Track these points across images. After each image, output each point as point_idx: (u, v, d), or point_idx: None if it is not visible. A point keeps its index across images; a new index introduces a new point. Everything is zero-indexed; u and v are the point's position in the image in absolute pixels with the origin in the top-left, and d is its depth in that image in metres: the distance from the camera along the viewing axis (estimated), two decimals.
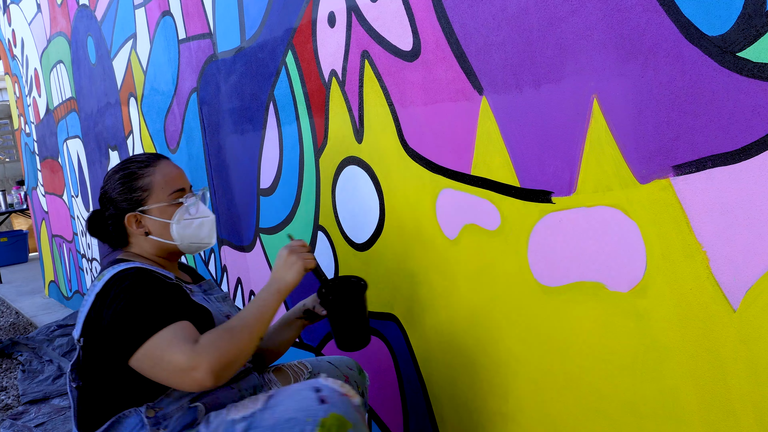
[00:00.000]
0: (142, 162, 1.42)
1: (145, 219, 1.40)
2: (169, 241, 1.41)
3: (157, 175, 1.41)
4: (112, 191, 1.42)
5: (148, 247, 1.42)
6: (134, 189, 1.40)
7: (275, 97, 1.96)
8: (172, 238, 1.40)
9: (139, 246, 1.43)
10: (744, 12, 0.89)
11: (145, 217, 1.40)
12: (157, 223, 1.40)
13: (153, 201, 1.39)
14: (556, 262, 1.23)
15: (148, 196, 1.40)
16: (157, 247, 1.42)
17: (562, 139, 1.17)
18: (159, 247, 1.42)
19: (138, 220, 1.40)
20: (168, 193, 1.40)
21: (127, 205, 1.40)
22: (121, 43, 3.00)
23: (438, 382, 1.60)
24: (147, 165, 1.42)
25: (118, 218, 1.41)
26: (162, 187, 1.40)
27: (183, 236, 1.41)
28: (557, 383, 1.29)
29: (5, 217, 7.89)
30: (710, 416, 1.04)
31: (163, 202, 1.40)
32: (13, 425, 2.51)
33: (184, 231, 1.41)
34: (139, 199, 1.39)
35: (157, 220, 1.39)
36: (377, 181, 1.64)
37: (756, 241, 0.93)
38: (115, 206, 1.41)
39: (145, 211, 1.39)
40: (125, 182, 1.40)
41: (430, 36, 1.39)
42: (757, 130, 0.90)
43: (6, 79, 5.68)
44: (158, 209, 1.40)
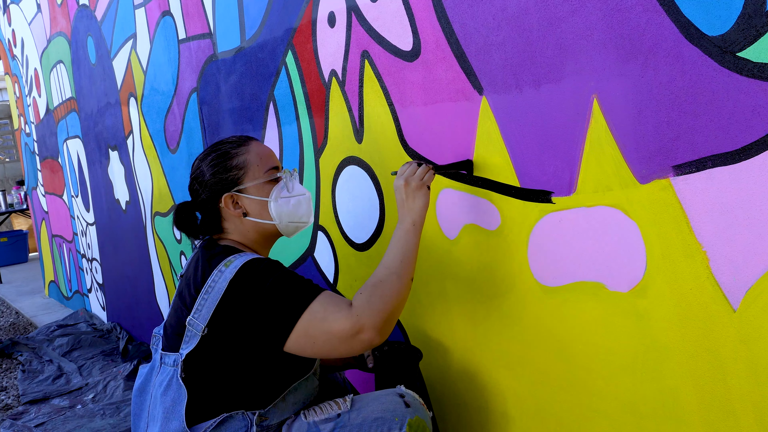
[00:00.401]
0: (233, 143, 1.39)
1: (242, 199, 1.36)
2: (268, 221, 1.36)
3: (251, 153, 1.37)
4: (205, 174, 1.37)
5: (246, 230, 1.37)
6: (229, 168, 1.35)
7: (275, 97, 1.96)
8: (270, 217, 1.36)
9: (236, 231, 1.38)
10: (744, 12, 0.89)
11: (242, 197, 1.35)
12: (255, 202, 1.35)
13: (249, 179, 1.35)
14: (556, 262, 1.23)
15: (244, 174, 1.35)
16: (255, 229, 1.37)
17: (562, 139, 1.17)
18: (257, 230, 1.38)
19: (235, 201, 1.36)
20: (264, 171, 1.36)
21: (222, 186, 1.35)
22: (121, 43, 3.00)
23: (438, 382, 1.60)
24: (239, 145, 1.38)
25: (213, 202, 1.36)
26: (257, 164, 1.36)
27: (281, 214, 1.36)
28: (557, 383, 1.29)
29: (5, 217, 7.89)
30: (710, 416, 1.04)
31: (260, 179, 1.36)
32: (13, 425, 2.51)
33: (282, 209, 1.36)
34: (234, 178, 1.35)
35: (255, 199, 1.35)
36: (377, 181, 1.64)
37: (756, 241, 0.93)
38: (209, 189, 1.36)
39: (241, 190, 1.35)
40: (219, 162, 1.36)
41: (430, 36, 1.39)
42: (757, 130, 0.90)
43: (6, 79, 5.68)
44: (255, 188, 1.35)
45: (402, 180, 1.30)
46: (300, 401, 1.35)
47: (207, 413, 1.26)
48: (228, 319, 1.23)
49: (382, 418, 1.23)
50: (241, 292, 1.23)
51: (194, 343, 1.25)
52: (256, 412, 1.27)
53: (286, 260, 2.10)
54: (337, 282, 1.88)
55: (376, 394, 1.30)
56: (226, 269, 1.25)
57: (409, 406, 1.26)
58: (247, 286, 1.23)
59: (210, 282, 1.25)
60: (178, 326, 1.30)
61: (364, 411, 1.25)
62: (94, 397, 2.79)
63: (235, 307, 1.23)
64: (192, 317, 1.26)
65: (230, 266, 1.25)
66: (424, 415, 1.27)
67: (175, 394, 1.26)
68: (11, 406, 2.81)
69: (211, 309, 1.23)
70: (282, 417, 1.31)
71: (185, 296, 1.31)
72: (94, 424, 2.47)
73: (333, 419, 1.26)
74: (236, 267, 1.24)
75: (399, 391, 1.30)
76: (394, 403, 1.26)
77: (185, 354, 1.26)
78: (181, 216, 1.41)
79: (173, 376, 1.27)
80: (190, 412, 1.25)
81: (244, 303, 1.22)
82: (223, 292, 1.23)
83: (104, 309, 4.00)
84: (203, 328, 1.24)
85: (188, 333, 1.26)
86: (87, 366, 3.21)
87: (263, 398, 1.28)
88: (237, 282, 1.23)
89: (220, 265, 1.26)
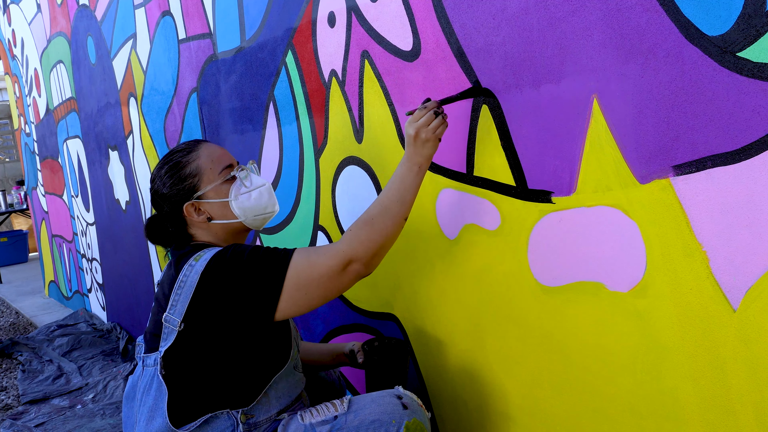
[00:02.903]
0: (183, 150, 1.40)
1: (203, 204, 1.37)
2: (233, 220, 1.37)
3: (202, 158, 1.38)
4: (162, 187, 1.38)
5: (215, 233, 1.38)
6: (184, 178, 1.36)
7: (275, 97, 1.96)
8: (235, 215, 1.37)
9: (205, 235, 1.39)
10: (744, 12, 0.89)
11: (203, 203, 1.36)
12: (216, 204, 1.37)
13: (205, 184, 1.36)
14: (556, 262, 1.23)
15: (199, 180, 1.36)
16: (223, 230, 1.39)
17: (562, 139, 1.17)
18: (225, 230, 1.39)
19: (196, 208, 1.37)
20: (218, 172, 1.37)
21: (181, 197, 1.37)
22: (121, 43, 3.00)
23: (438, 382, 1.60)
24: (189, 152, 1.39)
25: (176, 212, 1.38)
26: (210, 167, 1.37)
27: (245, 210, 1.38)
28: (557, 383, 1.29)
29: (5, 217, 7.89)
30: (710, 416, 1.04)
31: (216, 182, 1.37)
32: (13, 425, 2.51)
33: (245, 204, 1.37)
34: (191, 186, 1.36)
35: (215, 202, 1.36)
36: (377, 181, 1.64)
37: (756, 241, 0.93)
38: (169, 202, 1.38)
39: (200, 196, 1.36)
40: (172, 174, 1.37)
41: (430, 36, 1.39)
42: (757, 130, 0.90)
43: (6, 79, 5.68)
44: (213, 191, 1.37)
45: (413, 129, 1.26)
46: (284, 396, 1.35)
47: (192, 413, 1.26)
48: (204, 310, 1.24)
49: (379, 420, 1.23)
50: (215, 279, 1.24)
51: (171, 339, 1.26)
52: (240, 410, 1.28)
53: None
54: None
55: (373, 395, 1.30)
56: (196, 263, 1.26)
57: (407, 408, 1.25)
58: (221, 271, 1.24)
59: (182, 277, 1.26)
60: (155, 327, 1.31)
61: (361, 413, 1.25)
62: (94, 397, 2.79)
63: (212, 296, 1.24)
64: (168, 314, 1.27)
65: (200, 260, 1.26)
66: (422, 417, 1.26)
67: (156, 392, 1.27)
68: (11, 406, 2.81)
69: (186, 303, 1.24)
70: (268, 413, 1.32)
71: (160, 298, 1.33)
72: (94, 424, 2.47)
73: (330, 421, 1.26)
74: (206, 260, 1.26)
75: (397, 393, 1.30)
76: (391, 405, 1.25)
77: (163, 351, 1.27)
78: (152, 229, 1.43)
79: (154, 375, 1.28)
80: (175, 413, 1.26)
81: (222, 288, 1.23)
82: (196, 285, 1.24)
83: (104, 309, 4.00)
84: (179, 323, 1.25)
85: (165, 330, 1.27)
86: (87, 366, 3.21)
87: (244, 395, 1.29)
88: (209, 272, 1.24)
89: (190, 260, 1.27)
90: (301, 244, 2.00)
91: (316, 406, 1.31)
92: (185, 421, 1.26)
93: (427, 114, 1.26)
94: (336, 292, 1.25)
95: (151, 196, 1.43)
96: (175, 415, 1.25)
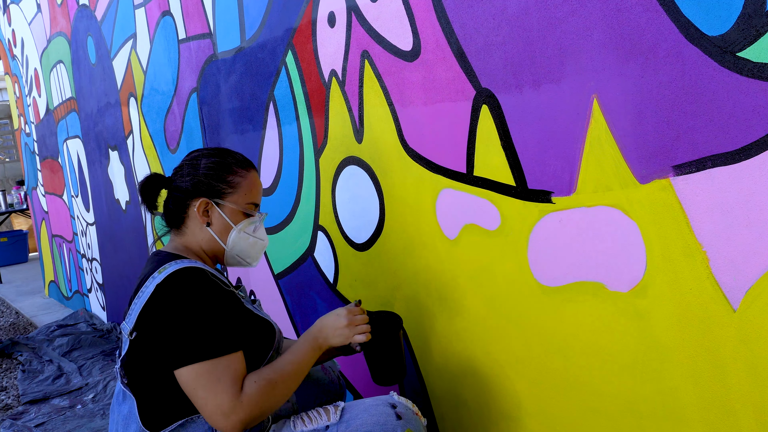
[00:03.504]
0: (239, 161, 1.42)
1: (213, 211, 1.38)
2: (221, 242, 1.39)
3: (247, 180, 1.40)
4: (199, 169, 1.39)
5: (201, 238, 1.39)
6: (222, 179, 1.38)
7: (275, 97, 1.96)
8: (226, 241, 1.39)
9: (191, 233, 1.39)
10: (744, 12, 0.89)
11: (215, 210, 1.38)
12: (223, 221, 1.38)
13: (231, 200, 1.38)
14: (556, 262, 1.23)
15: (231, 193, 1.38)
16: (207, 242, 1.39)
17: (562, 139, 1.17)
18: (209, 243, 1.39)
19: (206, 210, 1.38)
20: (247, 201, 1.39)
21: (205, 189, 1.37)
22: (121, 43, 3.00)
23: (438, 382, 1.60)
24: (242, 166, 1.41)
25: (189, 196, 1.38)
26: (246, 192, 1.39)
27: (236, 245, 1.39)
28: (557, 383, 1.29)
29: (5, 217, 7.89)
30: (710, 416, 1.04)
31: (239, 206, 1.38)
32: (13, 425, 2.51)
33: (240, 242, 1.39)
34: (220, 191, 1.38)
35: (224, 219, 1.37)
36: (377, 181, 1.64)
37: (756, 241, 0.93)
38: (193, 183, 1.38)
39: (219, 204, 1.37)
40: (218, 170, 1.39)
41: (430, 36, 1.39)
42: (757, 130, 0.90)
43: (6, 79, 5.68)
44: (230, 210, 1.38)
45: (347, 319, 1.31)
46: None
47: (165, 418, 1.24)
48: (148, 323, 1.23)
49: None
50: (162, 298, 1.22)
51: (125, 348, 1.26)
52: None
53: (286, 260, 2.11)
54: (337, 282, 1.88)
55: (366, 403, 1.28)
56: (159, 275, 1.25)
57: (401, 418, 1.23)
58: (170, 296, 1.21)
59: (143, 287, 1.26)
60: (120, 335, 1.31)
61: (353, 424, 1.23)
62: (94, 397, 2.79)
63: (154, 312, 1.22)
64: (125, 322, 1.27)
65: (163, 272, 1.25)
66: (416, 426, 1.24)
67: (129, 401, 1.27)
68: (11, 406, 2.81)
69: (137, 312, 1.24)
70: None
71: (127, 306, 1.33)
72: (94, 424, 2.47)
73: (321, 431, 1.24)
74: (167, 273, 1.24)
75: (391, 401, 1.27)
76: (384, 414, 1.23)
77: (120, 360, 1.27)
78: (148, 186, 1.43)
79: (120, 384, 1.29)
80: (149, 418, 1.24)
81: (162, 310, 1.21)
82: (149, 296, 1.23)
83: (104, 309, 4.00)
84: (130, 331, 1.24)
85: (123, 338, 1.28)
86: (87, 366, 3.21)
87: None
88: (162, 288, 1.22)
89: (155, 272, 1.27)
90: (301, 243, 2.00)
91: (309, 412, 1.30)
92: (160, 426, 1.24)
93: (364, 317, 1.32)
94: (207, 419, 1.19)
95: (181, 163, 1.43)
96: (149, 421, 1.24)
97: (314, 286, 1.99)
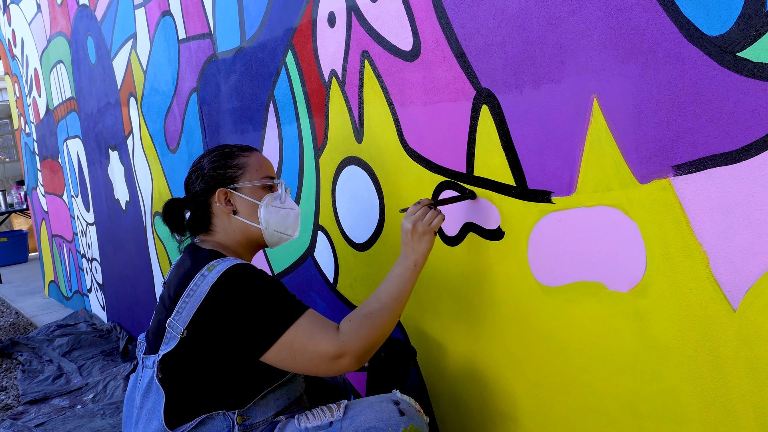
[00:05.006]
0: (239, 147, 1.44)
1: (234, 197, 1.38)
2: (255, 224, 1.38)
3: (252, 158, 1.42)
4: (204, 168, 1.40)
5: (232, 230, 1.39)
6: (229, 166, 1.39)
7: (275, 97, 1.96)
8: (258, 221, 1.38)
9: (222, 230, 1.39)
10: (744, 12, 0.89)
11: (235, 195, 1.38)
12: (246, 202, 1.38)
13: (246, 180, 1.39)
14: (556, 262, 1.23)
15: (242, 174, 1.39)
16: (241, 230, 1.39)
17: (562, 139, 1.17)
18: (243, 231, 1.39)
19: (227, 198, 1.38)
20: (261, 176, 1.40)
21: (218, 180, 1.38)
22: (121, 43, 3.00)
23: (438, 382, 1.60)
24: (244, 150, 1.43)
25: (206, 195, 1.39)
26: (256, 168, 1.41)
27: (269, 222, 1.39)
28: (557, 383, 1.29)
29: (5, 217, 7.89)
30: (710, 416, 1.04)
31: (256, 182, 1.39)
32: (13, 425, 2.51)
33: (271, 216, 1.39)
34: (232, 176, 1.39)
35: (247, 200, 1.38)
36: (377, 181, 1.64)
37: (756, 241, 0.93)
38: (205, 182, 1.39)
39: (236, 188, 1.38)
40: (221, 159, 1.40)
41: (430, 36, 1.39)
42: (757, 130, 0.90)
43: (6, 79, 5.68)
44: (249, 189, 1.38)
45: (410, 223, 1.30)
46: (282, 398, 1.35)
47: (188, 414, 1.26)
48: (208, 323, 1.24)
49: (375, 427, 1.22)
50: (223, 297, 1.23)
51: (173, 345, 1.26)
52: (236, 411, 1.28)
53: (286, 260, 2.11)
54: (337, 282, 1.88)
55: (370, 400, 1.29)
56: (209, 273, 1.25)
57: (404, 414, 1.23)
58: (231, 292, 1.23)
59: (192, 285, 1.26)
60: (158, 329, 1.31)
61: (356, 419, 1.24)
62: (94, 397, 2.79)
63: (217, 312, 1.23)
64: (172, 319, 1.26)
65: (213, 270, 1.26)
66: (419, 423, 1.25)
67: (155, 396, 1.27)
68: (11, 406, 2.81)
69: (192, 312, 1.24)
70: (265, 415, 1.31)
71: (166, 300, 1.32)
72: (94, 424, 2.47)
73: (325, 427, 1.25)
74: (219, 272, 1.25)
75: (394, 398, 1.28)
76: (388, 411, 1.24)
77: (162, 355, 1.27)
78: (170, 211, 1.43)
79: (152, 377, 1.28)
80: (171, 414, 1.25)
81: (227, 308, 1.23)
82: (205, 296, 1.23)
83: (104, 309, 4.00)
84: (182, 330, 1.24)
85: (168, 335, 1.27)
86: (87, 366, 3.21)
87: (241, 397, 1.28)
88: (219, 287, 1.23)
89: (203, 270, 1.26)
90: (301, 243, 2.00)
91: (313, 410, 1.31)
92: (181, 422, 1.25)
93: (422, 209, 1.30)
94: (320, 373, 1.23)
95: (187, 176, 1.44)
96: (171, 417, 1.25)
97: (314, 286, 1.99)
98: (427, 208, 1.31)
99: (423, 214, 1.30)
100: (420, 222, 1.29)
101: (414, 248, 1.30)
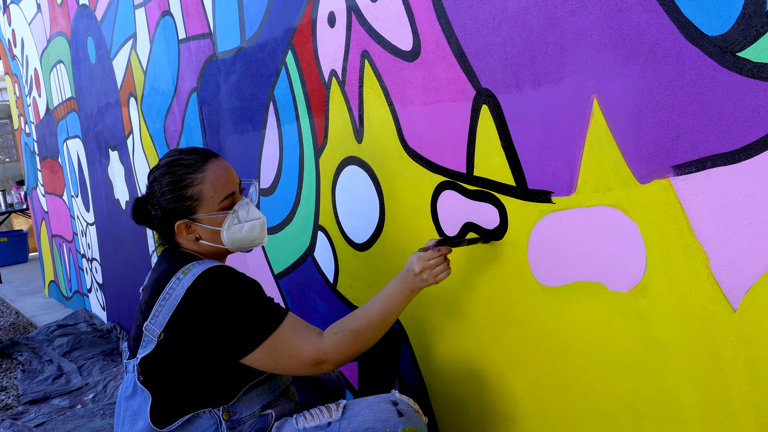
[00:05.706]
0: (190, 166, 1.36)
1: (195, 225, 1.37)
2: (219, 245, 1.39)
3: (206, 183, 1.35)
4: (161, 196, 1.37)
5: (200, 248, 1.40)
6: (184, 198, 1.35)
7: (275, 97, 1.96)
8: (223, 243, 1.38)
9: (190, 248, 1.40)
10: (744, 12, 0.89)
11: (195, 224, 1.37)
12: (207, 230, 1.37)
13: (203, 210, 1.36)
14: (556, 262, 1.23)
15: (198, 205, 1.36)
16: (209, 248, 1.40)
17: (562, 139, 1.17)
18: (211, 249, 1.40)
19: (188, 226, 1.37)
20: (218, 202, 1.36)
21: (175, 213, 1.37)
22: (121, 43, 3.00)
23: (438, 382, 1.60)
24: (195, 170, 1.36)
25: (168, 222, 1.38)
26: (212, 195, 1.36)
27: (234, 240, 1.39)
28: (557, 383, 1.29)
29: (5, 217, 7.89)
30: (710, 416, 1.04)
31: (213, 213, 1.36)
32: (13, 425, 2.51)
33: (235, 236, 1.39)
34: (189, 208, 1.36)
35: (207, 228, 1.37)
36: (377, 181, 1.64)
37: (756, 241, 0.93)
38: (162, 212, 1.38)
39: (195, 219, 1.37)
40: (173, 190, 1.35)
41: (430, 36, 1.39)
42: (757, 130, 0.90)
43: (6, 79, 5.67)
44: (208, 218, 1.37)
45: (419, 267, 1.30)
46: (266, 393, 1.36)
47: (174, 414, 1.27)
48: (184, 326, 1.26)
49: (373, 428, 1.22)
50: (199, 301, 1.25)
51: (150, 348, 1.27)
52: (221, 408, 1.29)
53: (286, 260, 2.11)
54: (337, 282, 1.88)
55: (369, 401, 1.29)
56: (184, 277, 1.27)
57: (403, 414, 1.24)
58: (207, 296, 1.25)
59: (168, 289, 1.28)
60: (137, 334, 1.32)
61: (354, 420, 1.25)
62: (94, 397, 2.79)
63: (193, 316, 1.25)
64: (149, 323, 1.28)
65: (188, 274, 1.28)
66: (417, 423, 1.25)
67: (141, 397, 1.29)
68: (11, 406, 2.81)
69: (168, 315, 1.26)
70: (251, 409, 1.33)
71: (142, 304, 1.34)
72: (94, 424, 2.47)
73: (323, 427, 1.26)
74: (194, 275, 1.27)
75: (392, 398, 1.29)
76: (386, 411, 1.25)
77: (140, 358, 1.28)
78: (138, 212, 1.43)
79: (134, 381, 1.30)
80: (157, 414, 1.27)
81: (203, 312, 1.25)
82: (180, 300, 1.25)
83: (104, 309, 4.00)
84: (159, 333, 1.26)
85: (145, 338, 1.29)
86: (87, 366, 3.21)
87: (224, 393, 1.30)
88: (195, 291, 1.25)
89: (179, 273, 1.29)
90: (300, 243, 2.00)
91: (311, 410, 1.31)
92: (168, 422, 1.27)
93: (437, 259, 1.31)
94: (300, 374, 1.30)
95: (147, 186, 1.42)
96: (158, 417, 1.27)
97: (314, 286, 1.99)
98: (443, 258, 1.31)
99: (437, 264, 1.31)
100: (428, 271, 1.31)
101: (415, 281, 1.32)
